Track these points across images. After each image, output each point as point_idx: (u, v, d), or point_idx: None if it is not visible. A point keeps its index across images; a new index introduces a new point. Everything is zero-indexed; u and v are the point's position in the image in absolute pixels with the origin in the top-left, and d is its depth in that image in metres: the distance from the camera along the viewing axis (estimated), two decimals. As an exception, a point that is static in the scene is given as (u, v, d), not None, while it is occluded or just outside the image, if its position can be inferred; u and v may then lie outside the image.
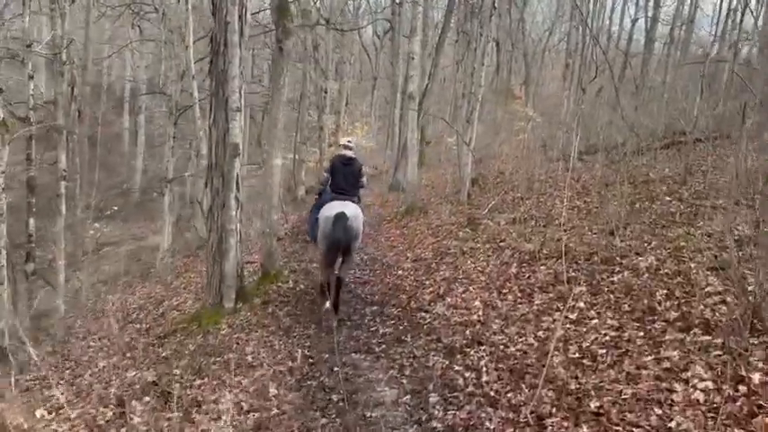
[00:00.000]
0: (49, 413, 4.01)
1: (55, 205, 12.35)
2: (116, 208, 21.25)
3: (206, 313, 5.91)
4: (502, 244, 7.44)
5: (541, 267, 6.00)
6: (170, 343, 5.59)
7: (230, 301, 5.92)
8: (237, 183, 5.82)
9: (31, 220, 10.76)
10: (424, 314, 5.33)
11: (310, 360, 4.90)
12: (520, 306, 5.00)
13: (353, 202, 6.21)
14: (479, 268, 6.52)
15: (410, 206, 11.19)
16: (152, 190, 16.47)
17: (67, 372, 6.12)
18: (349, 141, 6.72)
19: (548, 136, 19.83)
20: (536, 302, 5.01)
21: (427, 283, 6.32)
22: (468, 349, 4.43)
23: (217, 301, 5.93)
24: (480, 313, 5.01)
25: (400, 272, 7.11)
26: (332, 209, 5.80)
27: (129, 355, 5.66)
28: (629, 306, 4.28)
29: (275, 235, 7.17)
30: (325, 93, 24.35)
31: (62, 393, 4.48)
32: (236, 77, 5.52)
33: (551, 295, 5.10)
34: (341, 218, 5.64)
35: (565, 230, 7.58)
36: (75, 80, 14.24)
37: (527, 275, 5.76)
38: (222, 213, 5.76)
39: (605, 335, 3.93)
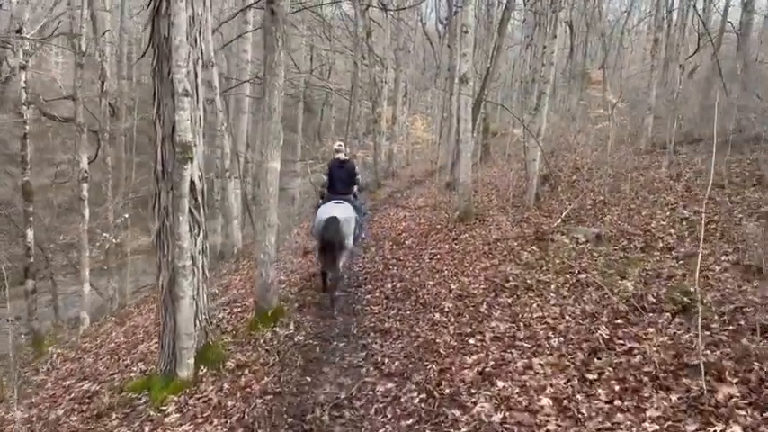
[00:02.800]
0: None
1: (78, 208, 11.23)
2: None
3: (156, 383, 4.15)
4: (583, 277, 5.22)
5: (650, 330, 3.78)
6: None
7: (186, 367, 4.12)
8: (196, 198, 4.02)
9: (29, 232, 9.60)
10: (456, 412, 3.29)
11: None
12: (620, 416, 2.87)
13: (349, 201, 6.52)
14: (550, 320, 4.37)
15: (464, 212, 9.07)
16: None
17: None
18: (340, 145, 7.14)
19: (632, 124, 16.96)
20: (649, 411, 2.86)
21: (471, 342, 4.25)
22: None
23: (169, 368, 4.16)
24: (551, 427, 2.91)
25: (437, 315, 5.07)
26: (325, 212, 6.08)
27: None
28: None
29: (272, 263, 5.34)
30: (383, 82, 22.50)
31: None
32: (184, 47, 3.70)
33: (675, 397, 2.92)
34: (332, 221, 5.87)
35: (678, 260, 5.24)
36: (105, 74, 13.10)
37: (628, 347, 3.58)
38: (171, 243, 3.97)
39: None
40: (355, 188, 7.00)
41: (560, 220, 7.61)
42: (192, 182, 3.98)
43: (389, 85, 22.99)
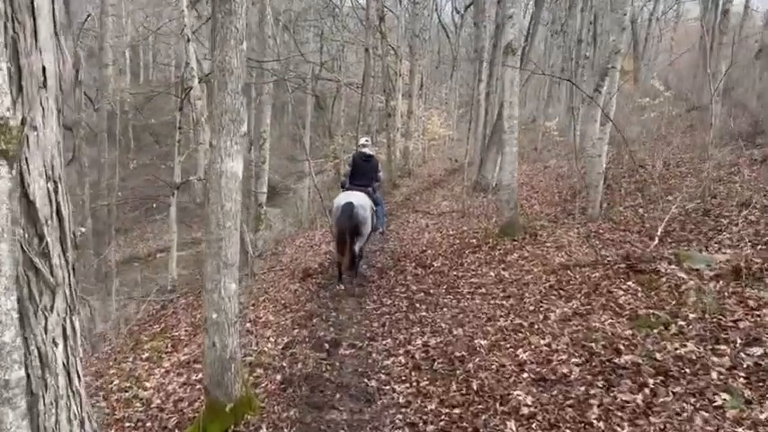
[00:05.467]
0: None
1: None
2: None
3: None
4: (759, 353, 2.98)
5: None
6: None
7: None
8: (43, 238, 1.87)
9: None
10: None
11: None
12: None
13: (366, 192, 6.46)
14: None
15: (508, 224, 6.83)
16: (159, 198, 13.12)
17: None
18: (366, 140, 7.18)
19: (687, 112, 14.52)
20: None
21: None
22: None
23: None
24: None
25: (512, 427, 2.86)
26: (342, 198, 6.20)
27: None
28: None
29: (233, 326, 3.14)
30: (397, 74, 20.21)
31: None
32: None
33: None
34: (348, 206, 5.94)
35: None
36: (79, 62, 11.02)
37: None
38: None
39: None
40: (375, 184, 6.94)
41: (657, 238, 5.33)
42: (30, 203, 1.81)
43: (404, 77, 20.73)
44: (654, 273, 4.55)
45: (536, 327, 4.03)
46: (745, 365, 2.91)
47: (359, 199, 6.09)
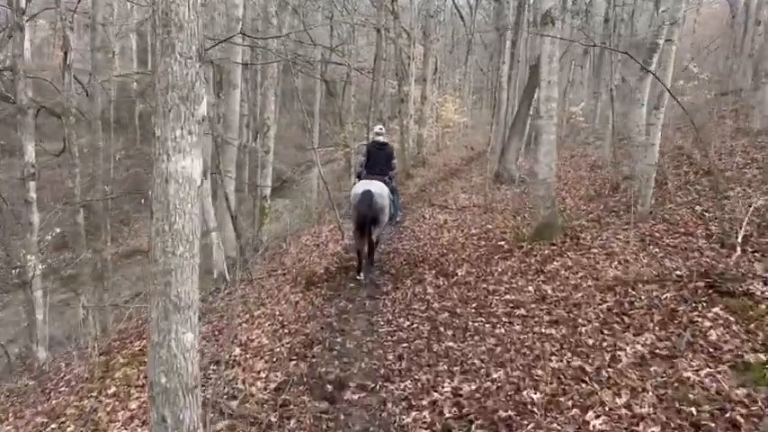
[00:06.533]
0: None
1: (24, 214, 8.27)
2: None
3: None
4: None
5: None
6: None
7: None
8: None
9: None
10: None
11: None
12: None
13: (383, 181, 6.32)
14: None
15: (545, 225, 5.80)
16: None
17: None
18: (381, 128, 6.95)
19: (722, 96, 13.25)
20: None
21: None
22: None
23: None
24: None
25: None
26: (361, 186, 6.08)
27: None
28: None
29: (193, 390, 2.18)
30: (409, 58, 19.05)
31: None
32: None
33: None
34: (367, 194, 5.86)
35: None
36: (68, 43, 10.08)
37: None
38: None
39: None
40: (391, 173, 6.74)
41: (738, 248, 4.28)
42: None
43: (417, 61, 19.54)
44: (746, 296, 3.52)
45: (604, 374, 3.03)
46: None
47: (378, 187, 6.01)
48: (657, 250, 4.87)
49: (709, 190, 6.42)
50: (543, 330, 3.79)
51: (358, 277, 6.07)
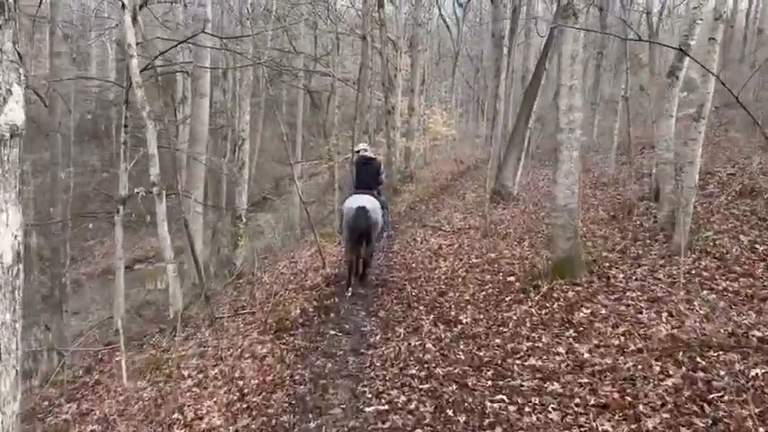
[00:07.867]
0: None
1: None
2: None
3: None
4: None
5: None
6: None
7: None
8: None
9: None
10: None
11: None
12: None
13: (373, 195, 6.25)
14: None
15: (566, 260, 4.76)
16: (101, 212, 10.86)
17: None
18: (364, 145, 6.93)
19: (723, 107, 12.45)
20: None
21: None
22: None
23: None
24: None
25: None
26: (353, 202, 6.01)
27: None
28: None
29: None
30: (396, 69, 18.09)
31: None
32: None
33: None
34: (361, 210, 5.82)
35: None
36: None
37: None
38: None
39: None
40: (379, 187, 6.67)
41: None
42: None
43: (404, 72, 18.58)
44: None
45: None
46: None
47: (369, 202, 5.96)
48: (714, 296, 3.85)
49: (750, 214, 5.46)
50: (593, 423, 2.72)
51: (346, 293, 5.93)
